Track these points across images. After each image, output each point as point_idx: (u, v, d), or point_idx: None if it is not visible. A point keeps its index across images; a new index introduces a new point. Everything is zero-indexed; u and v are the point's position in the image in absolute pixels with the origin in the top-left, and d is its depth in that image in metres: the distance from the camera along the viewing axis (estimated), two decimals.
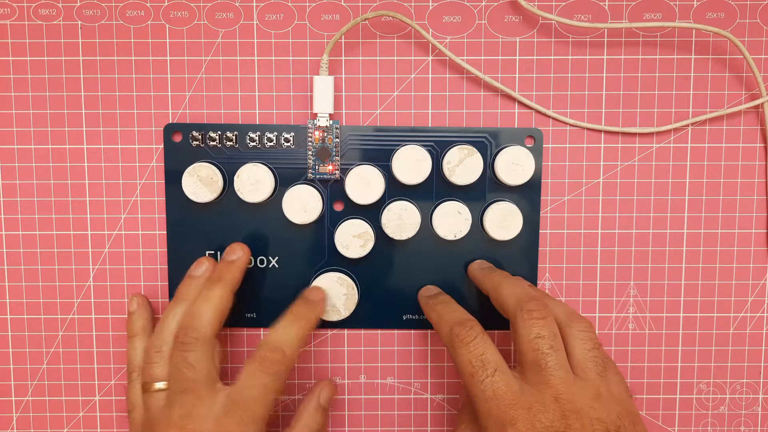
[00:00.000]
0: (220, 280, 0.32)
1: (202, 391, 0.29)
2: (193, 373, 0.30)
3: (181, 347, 0.30)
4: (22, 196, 0.36)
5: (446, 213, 0.34)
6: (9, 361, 0.36)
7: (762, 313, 0.36)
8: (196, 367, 0.30)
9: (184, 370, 0.30)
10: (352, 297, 0.35)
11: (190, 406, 0.29)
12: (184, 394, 0.29)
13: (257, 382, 0.29)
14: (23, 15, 0.35)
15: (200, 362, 0.30)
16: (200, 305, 0.31)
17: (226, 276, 0.32)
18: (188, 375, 0.29)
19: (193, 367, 0.30)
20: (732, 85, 0.35)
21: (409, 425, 0.37)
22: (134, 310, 0.34)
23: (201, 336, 0.30)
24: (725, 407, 0.37)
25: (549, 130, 0.35)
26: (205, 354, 0.30)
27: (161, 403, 0.30)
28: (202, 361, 0.30)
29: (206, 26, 0.35)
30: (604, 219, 0.36)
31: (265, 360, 0.30)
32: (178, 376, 0.30)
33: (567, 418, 0.27)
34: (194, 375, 0.30)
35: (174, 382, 0.30)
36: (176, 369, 0.30)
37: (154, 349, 0.31)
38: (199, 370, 0.30)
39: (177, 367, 0.30)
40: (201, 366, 0.30)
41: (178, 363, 0.30)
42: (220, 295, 0.31)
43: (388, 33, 0.35)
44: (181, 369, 0.30)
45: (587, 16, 0.35)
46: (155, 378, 0.31)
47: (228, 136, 0.34)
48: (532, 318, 0.29)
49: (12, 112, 0.35)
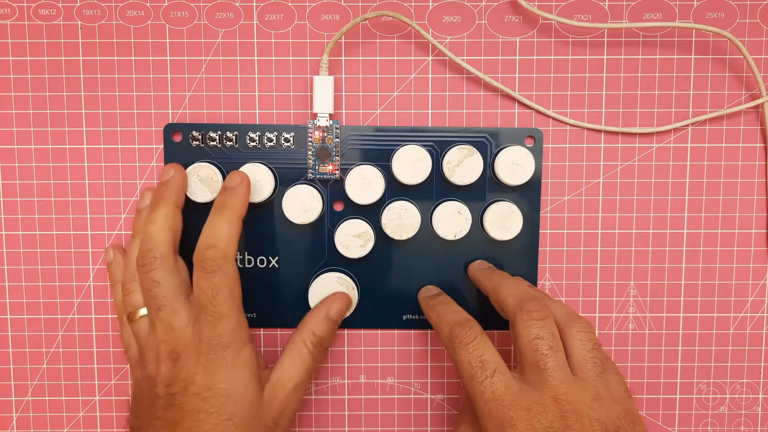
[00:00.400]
0: (161, 199, 0.33)
1: (175, 305, 0.31)
2: (160, 289, 0.31)
3: (143, 270, 0.31)
4: (22, 196, 0.36)
5: (446, 213, 0.34)
6: (9, 361, 0.36)
7: (762, 313, 0.36)
8: (161, 282, 0.31)
9: (152, 289, 0.31)
10: (352, 297, 0.35)
11: (168, 320, 0.30)
12: (160, 310, 0.31)
13: (206, 284, 0.30)
14: (23, 15, 0.35)
15: (164, 277, 0.31)
16: (149, 227, 0.32)
17: (165, 195, 0.33)
18: (157, 292, 0.31)
19: (159, 283, 0.31)
20: (732, 85, 0.35)
21: (409, 425, 0.37)
22: (111, 260, 0.35)
23: (159, 254, 0.31)
24: (725, 407, 0.37)
25: (549, 130, 0.35)
26: (167, 270, 0.31)
27: (147, 327, 0.32)
28: (165, 276, 0.31)
29: (206, 26, 0.35)
30: (604, 219, 0.36)
31: (203, 261, 0.30)
32: (149, 296, 0.31)
33: (566, 418, 0.27)
34: (163, 291, 0.31)
35: (148, 303, 0.31)
36: (146, 291, 0.31)
37: (128, 280, 0.33)
38: (166, 285, 0.31)
39: (146, 289, 0.31)
40: (166, 280, 0.31)
41: (145, 284, 0.31)
42: (165, 213, 0.32)
43: (388, 33, 0.35)
44: (150, 289, 0.31)
45: (587, 16, 0.35)
46: (136, 305, 0.32)
47: (228, 136, 0.34)
48: (531, 318, 0.29)
49: (12, 112, 0.35)
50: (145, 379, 0.31)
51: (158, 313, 0.31)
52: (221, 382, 0.30)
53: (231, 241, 0.31)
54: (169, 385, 0.30)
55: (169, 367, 0.30)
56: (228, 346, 0.30)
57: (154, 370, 0.30)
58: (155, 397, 0.30)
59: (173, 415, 0.29)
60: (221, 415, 0.29)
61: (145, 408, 0.31)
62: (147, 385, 0.31)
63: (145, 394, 0.31)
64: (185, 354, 0.30)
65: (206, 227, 0.31)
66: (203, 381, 0.30)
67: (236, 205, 0.32)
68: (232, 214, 0.31)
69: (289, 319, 0.36)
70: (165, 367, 0.30)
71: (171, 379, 0.30)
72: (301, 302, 0.35)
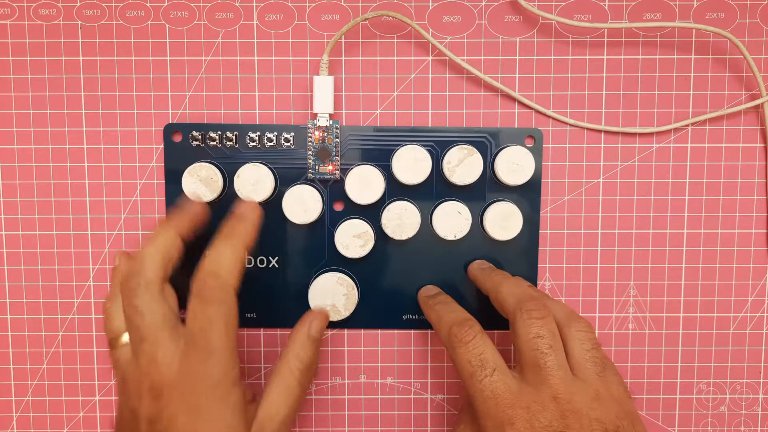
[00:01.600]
0: (166, 223, 0.31)
1: (160, 337, 0.28)
2: (143, 319, 0.28)
3: (126, 294, 0.29)
4: (22, 196, 0.36)
5: (446, 213, 0.34)
6: (9, 361, 0.36)
7: (762, 313, 0.36)
8: (145, 312, 0.28)
9: (134, 318, 0.28)
10: (352, 297, 0.35)
11: (151, 352, 0.28)
12: (142, 342, 0.28)
13: (201, 315, 0.28)
14: (23, 15, 0.35)
15: (148, 306, 0.28)
16: (143, 249, 0.30)
17: (171, 219, 0.31)
18: (140, 322, 0.28)
19: (142, 312, 0.28)
20: (732, 85, 0.35)
21: (409, 425, 0.37)
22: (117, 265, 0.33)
23: (144, 280, 0.29)
24: (725, 407, 0.37)
25: (549, 130, 0.35)
26: (151, 297, 0.29)
27: (129, 355, 0.29)
28: (150, 305, 0.28)
29: (206, 26, 0.35)
30: (604, 219, 0.36)
31: (202, 290, 0.28)
32: (131, 326, 0.29)
33: (566, 418, 0.27)
34: (146, 321, 0.28)
35: (131, 333, 0.29)
36: (128, 319, 0.29)
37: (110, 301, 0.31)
38: (150, 315, 0.28)
39: (128, 317, 0.29)
40: (150, 310, 0.28)
41: (128, 311, 0.29)
42: (164, 237, 0.30)
43: (388, 33, 0.35)
44: (132, 317, 0.28)
45: (587, 16, 0.35)
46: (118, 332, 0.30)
47: (228, 136, 0.34)
48: (531, 318, 0.29)
49: (12, 112, 0.35)
50: (129, 409, 0.29)
51: (141, 345, 0.28)
52: (207, 428, 0.27)
53: (234, 271, 0.28)
54: (152, 423, 0.28)
55: (151, 403, 0.28)
56: (217, 386, 0.28)
57: (136, 404, 0.28)
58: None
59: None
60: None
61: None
62: (130, 415, 0.29)
63: (128, 424, 0.29)
64: (168, 391, 0.27)
65: (209, 253, 0.29)
66: (186, 425, 0.27)
67: (244, 233, 0.30)
68: (238, 242, 0.29)
69: (289, 319, 0.36)
70: (147, 403, 0.28)
71: (153, 417, 0.28)
72: (301, 302, 0.35)
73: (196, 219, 0.32)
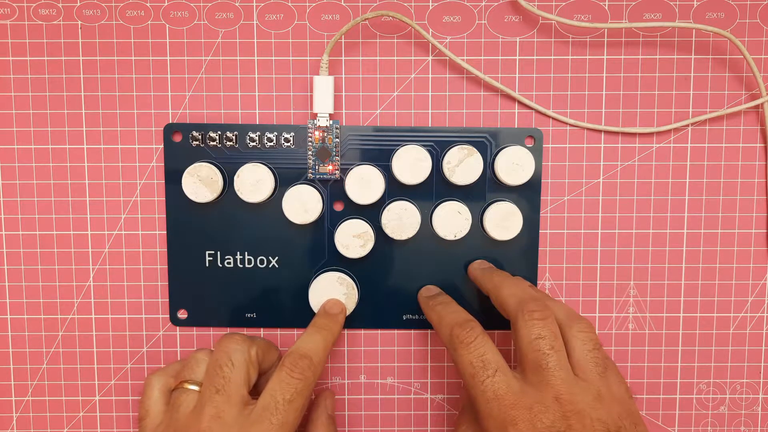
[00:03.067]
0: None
1: (235, 395, 0.29)
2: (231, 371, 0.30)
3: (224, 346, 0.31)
4: (22, 196, 0.36)
5: (446, 213, 0.34)
6: (9, 361, 0.36)
7: (762, 313, 0.36)
8: (236, 365, 0.30)
9: (224, 368, 0.30)
10: (352, 297, 0.35)
11: (220, 408, 0.29)
12: (218, 393, 0.29)
13: (287, 386, 0.29)
14: (23, 15, 0.35)
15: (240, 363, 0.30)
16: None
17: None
18: (227, 373, 0.30)
19: (233, 365, 0.30)
20: (732, 85, 0.35)
21: (409, 425, 0.37)
22: None
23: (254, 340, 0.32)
24: (725, 407, 0.37)
25: (549, 130, 0.35)
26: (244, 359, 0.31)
27: (190, 403, 0.30)
28: (241, 363, 0.30)
29: (206, 26, 0.35)
30: (604, 219, 0.36)
31: (294, 366, 0.30)
32: (215, 373, 0.30)
33: (568, 418, 0.27)
34: (232, 374, 0.30)
35: (209, 378, 0.30)
36: (216, 366, 0.30)
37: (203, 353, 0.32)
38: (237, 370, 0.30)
39: (217, 364, 0.30)
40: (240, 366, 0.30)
41: (220, 360, 0.30)
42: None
43: (388, 33, 0.35)
44: (222, 366, 0.30)
45: (587, 16, 0.35)
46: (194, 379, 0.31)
47: (228, 136, 0.34)
48: (533, 318, 0.29)
49: (12, 112, 0.35)
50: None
51: (214, 395, 0.29)
52: None
53: (323, 359, 0.31)
54: None
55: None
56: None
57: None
58: None
59: None
60: None
61: None
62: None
63: None
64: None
65: (304, 337, 0.32)
66: None
67: (335, 330, 0.33)
68: (329, 337, 0.32)
69: (289, 319, 0.36)
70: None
71: None
72: (301, 302, 0.35)
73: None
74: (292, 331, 0.36)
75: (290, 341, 0.36)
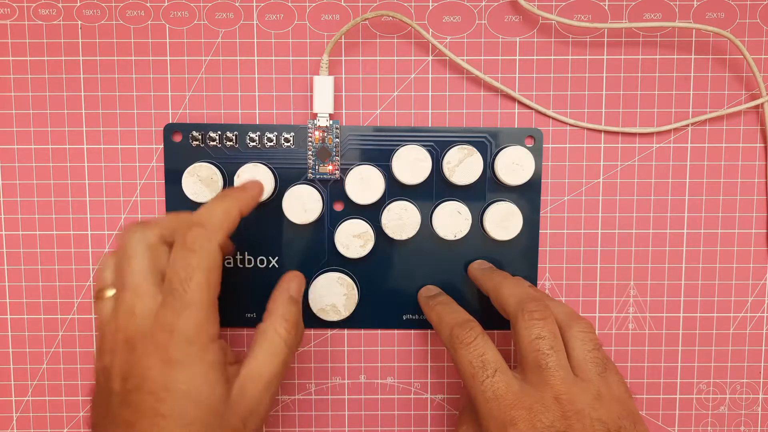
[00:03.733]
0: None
1: (143, 286, 0.27)
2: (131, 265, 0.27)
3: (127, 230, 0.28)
4: (22, 196, 0.36)
5: (446, 213, 0.34)
6: (9, 361, 0.36)
7: (762, 313, 0.36)
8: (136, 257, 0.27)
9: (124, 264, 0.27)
10: (352, 297, 0.35)
11: (131, 303, 0.27)
12: (125, 290, 0.27)
13: (181, 263, 0.27)
14: (23, 15, 0.35)
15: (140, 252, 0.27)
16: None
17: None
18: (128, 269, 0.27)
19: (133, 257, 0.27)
20: (732, 85, 0.35)
21: (409, 425, 0.37)
22: None
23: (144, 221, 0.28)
24: (725, 407, 0.37)
25: (549, 130, 0.35)
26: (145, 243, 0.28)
27: (109, 309, 0.28)
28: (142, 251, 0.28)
29: (206, 26, 0.35)
30: (604, 219, 0.36)
31: (184, 238, 0.27)
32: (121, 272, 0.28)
33: (568, 418, 0.27)
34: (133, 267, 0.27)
35: (118, 278, 0.28)
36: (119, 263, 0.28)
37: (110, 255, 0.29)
38: (138, 261, 0.27)
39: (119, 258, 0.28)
40: (140, 257, 0.27)
41: (119, 254, 0.28)
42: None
43: (388, 33, 0.35)
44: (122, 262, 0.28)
45: (587, 16, 0.35)
46: (105, 284, 0.29)
47: (228, 136, 0.34)
48: (532, 319, 0.29)
49: (12, 112, 0.35)
50: (101, 370, 0.27)
51: (123, 293, 0.27)
52: (182, 383, 0.26)
53: (222, 225, 0.28)
54: (125, 380, 0.26)
55: (125, 358, 0.26)
56: (192, 342, 0.26)
57: (109, 361, 0.27)
58: (110, 393, 0.27)
59: (129, 415, 0.26)
60: (181, 419, 0.26)
61: (101, 406, 0.27)
62: (102, 377, 0.27)
63: (100, 388, 0.28)
64: (142, 344, 0.26)
65: (201, 207, 0.29)
66: (159, 378, 0.26)
67: (241, 197, 0.29)
68: (232, 203, 0.29)
69: None
70: (120, 358, 0.26)
71: (126, 373, 0.26)
72: (301, 302, 0.35)
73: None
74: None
75: None
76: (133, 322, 0.27)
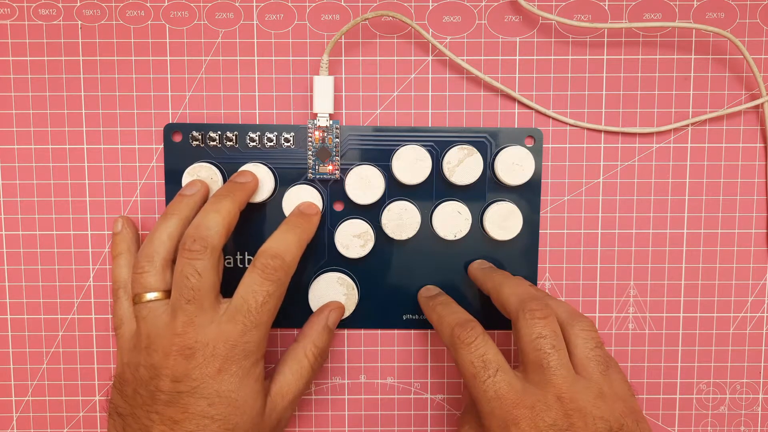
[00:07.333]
0: (229, 195, 0.32)
1: (205, 302, 0.29)
2: (199, 281, 0.29)
3: (188, 255, 0.30)
4: (22, 196, 0.36)
5: (446, 213, 0.34)
6: (9, 361, 0.36)
7: (762, 313, 0.36)
8: (203, 275, 0.29)
9: (191, 279, 0.29)
10: (352, 297, 0.35)
11: (192, 314, 0.29)
12: (189, 303, 0.29)
13: (259, 288, 0.29)
14: (23, 15, 0.35)
15: (207, 271, 0.30)
16: (208, 216, 0.31)
17: (235, 193, 0.32)
18: (195, 283, 0.29)
19: (201, 275, 0.29)
20: (732, 85, 0.35)
21: (409, 425, 0.37)
22: (119, 230, 0.34)
23: (209, 245, 0.30)
24: (725, 407, 0.37)
25: (549, 130, 0.35)
26: (211, 264, 0.30)
27: (159, 313, 0.30)
28: (208, 270, 0.30)
29: (206, 26, 0.35)
30: (604, 219, 0.36)
31: (266, 267, 0.30)
32: (183, 285, 0.29)
33: (570, 417, 0.27)
34: (200, 284, 0.29)
35: (179, 290, 0.29)
36: (182, 277, 0.29)
37: (146, 258, 0.31)
38: (206, 279, 0.29)
39: (183, 275, 0.29)
40: (207, 275, 0.30)
41: (185, 271, 0.29)
42: (229, 209, 0.31)
43: (388, 33, 0.35)
44: (189, 277, 0.29)
45: (587, 16, 0.35)
46: (147, 288, 0.30)
47: (228, 136, 0.34)
48: (534, 318, 0.29)
49: (12, 112, 0.35)
50: (147, 366, 0.29)
51: (185, 305, 0.29)
52: (233, 392, 0.29)
53: (296, 258, 0.31)
54: (177, 382, 0.29)
55: (180, 363, 0.29)
56: (249, 356, 0.29)
57: (160, 361, 0.29)
58: (157, 390, 0.29)
59: (174, 413, 0.28)
60: (226, 423, 0.29)
61: (142, 397, 0.29)
62: (147, 373, 0.29)
63: (141, 381, 0.29)
64: (201, 354, 0.29)
65: (276, 236, 0.31)
66: (216, 386, 0.29)
67: (309, 230, 0.32)
68: (303, 236, 0.32)
69: (289, 319, 0.36)
70: (174, 362, 0.29)
71: (180, 376, 0.29)
72: (301, 302, 0.35)
73: (253, 193, 0.33)
74: (292, 331, 0.36)
75: (290, 341, 0.36)
76: (193, 331, 0.29)
